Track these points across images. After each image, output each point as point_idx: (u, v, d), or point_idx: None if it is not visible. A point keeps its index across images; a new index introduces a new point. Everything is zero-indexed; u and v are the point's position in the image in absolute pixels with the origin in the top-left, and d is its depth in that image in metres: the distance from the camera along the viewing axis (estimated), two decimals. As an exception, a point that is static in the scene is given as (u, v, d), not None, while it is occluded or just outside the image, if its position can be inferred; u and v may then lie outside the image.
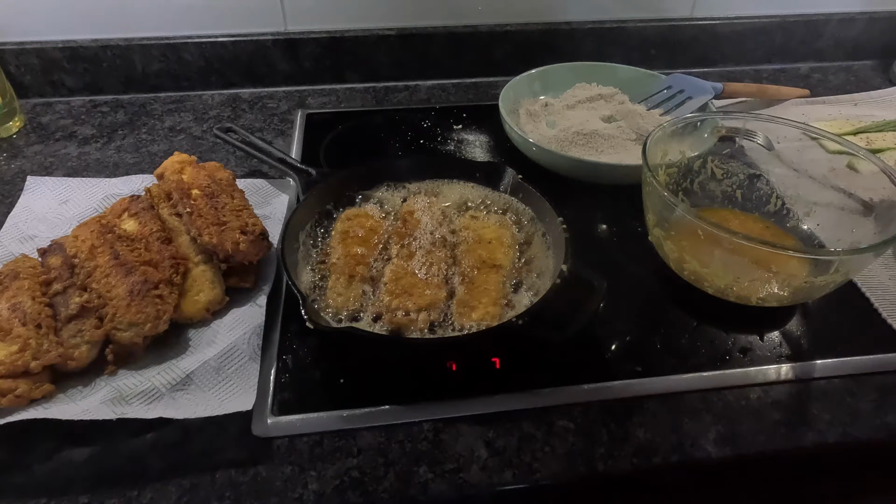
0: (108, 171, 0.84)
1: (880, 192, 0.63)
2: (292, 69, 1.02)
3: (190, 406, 0.53)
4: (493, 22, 1.04)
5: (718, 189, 0.76)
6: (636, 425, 0.55)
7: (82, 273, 0.58)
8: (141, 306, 0.55)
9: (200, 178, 0.68)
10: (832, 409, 0.56)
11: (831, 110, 0.98)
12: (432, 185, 0.73)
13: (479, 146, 0.91)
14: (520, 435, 0.54)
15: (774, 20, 1.09)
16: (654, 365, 0.60)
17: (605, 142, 0.84)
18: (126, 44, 0.96)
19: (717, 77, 1.04)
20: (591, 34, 1.06)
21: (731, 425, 0.55)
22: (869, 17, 1.11)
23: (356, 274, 0.62)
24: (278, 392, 0.56)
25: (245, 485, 0.50)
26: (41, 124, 0.94)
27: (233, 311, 0.61)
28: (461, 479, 0.50)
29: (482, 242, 0.65)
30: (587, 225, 0.77)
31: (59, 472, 0.50)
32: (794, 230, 0.72)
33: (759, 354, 0.61)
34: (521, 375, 0.58)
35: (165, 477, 0.50)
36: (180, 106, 0.99)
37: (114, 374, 0.55)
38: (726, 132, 0.75)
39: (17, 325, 0.53)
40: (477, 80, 1.08)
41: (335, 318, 0.58)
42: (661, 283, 0.70)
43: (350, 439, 0.53)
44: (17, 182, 0.80)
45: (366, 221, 0.67)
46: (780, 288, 0.60)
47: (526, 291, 0.61)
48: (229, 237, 0.61)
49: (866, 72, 1.13)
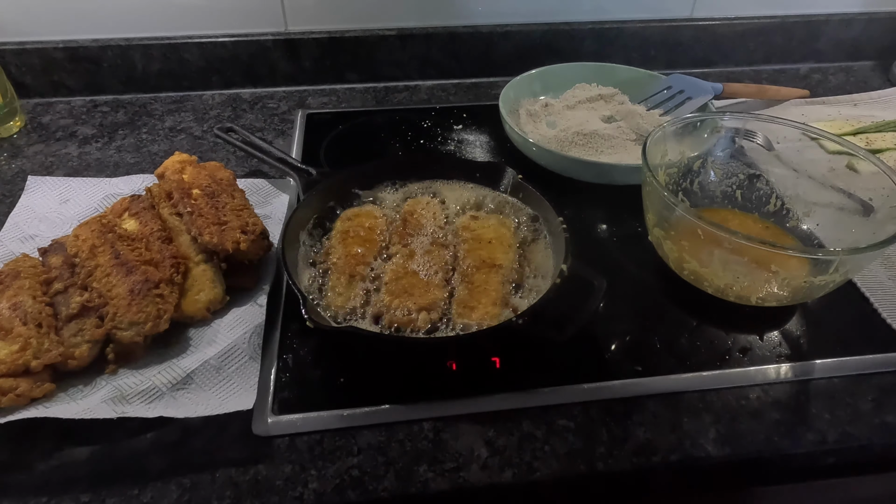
0: (108, 171, 0.84)
1: (880, 193, 0.64)
2: (293, 69, 1.02)
3: (190, 405, 0.53)
4: (493, 22, 1.04)
5: (718, 189, 0.76)
6: (636, 425, 0.55)
7: (83, 272, 0.58)
8: (141, 305, 0.55)
9: (201, 178, 0.68)
10: (832, 409, 0.57)
11: (831, 111, 0.98)
12: (432, 185, 0.73)
13: (479, 146, 0.92)
14: (520, 434, 0.54)
15: (774, 20, 1.09)
16: (653, 365, 0.60)
17: (605, 142, 0.84)
18: (126, 44, 0.96)
19: (716, 77, 1.04)
20: (591, 35, 1.06)
21: (730, 425, 0.55)
22: (869, 18, 1.11)
23: (356, 273, 0.62)
24: (279, 391, 0.56)
25: (245, 484, 0.50)
26: (42, 124, 0.94)
27: (233, 311, 0.61)
28: (461, 478, 0.51)
29: (482, 242, 0.65)
30: (587, 225, 0.77)
31: (59, 471, 0.50)
32: (794, 230, 0.72)
33: (759, 354, 0.61)
34: (522, 375, 0.58)
35: (166, 476, 0.50)
36: (181, 106, 0.99)
37: (114, 374, 0.55)
38: (726, 132, 0.75)
39: (18, 325, 0.53)
40: (477, 80, 1.08)
41: (335, 318, 0.58)
42: (660, 283, 0.70)
43: (350, 438, 0.53)
44: (18, 182, 0.80)
45: (366, 221, 0.67)
46: (780, 288, 0.60)
47: (526, 291, 0.61)
48: (230, 237, 0.61)
49: (866, 72, 1.13)
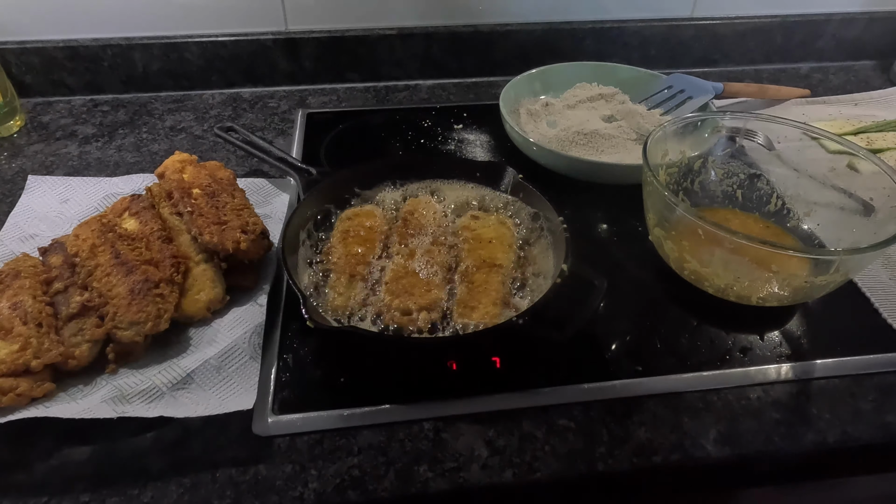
0: (108, 171, 0.84)
1: (881, 192, 0.63)
2: (293, 68, 1.02)
3: (191, 405, 0.53)
4: (493, 21, 1.04)
5: (719, 189, 0.76)
6: (636, 425, 0.55)
7: (83, 272, 0.58)
8: (142, 305, 0.55)
9: (201, 178, 0.68)
10: (832, 409, 0.57)
11: (832, 110, 0.98)
12: (433, 185, 0.73)
13: (479, 146, 0.91)
14: (520, 434, 0.54)
15: (775, 20, 1.09)
16: (654, 364, 0.60)
17: (605, 141, 0.84)
18: (127, 43, 0.96)
19: (717, 77, 1.04)
20: (591, 34, 1.06)
21: (731, 425, 0.55)
22: (869, 17, 1.11)
23: (357, 273, 0.62)
24: (279, 391, 0.56)
25: (245, 483, 0.50)
26: (42, 123, 0.94)
27: (233, 311, 0.61)
28: (461, 478, 0.51)
29: (482, 242, 0.65)
30: (587, 224, 0.77)
31: (60, 471, 0.50)
32: (795, 230, 0.72)
33: (760, 354, 0.61)
34: (522, 375, 0.58)
35: (166, 475, 0.50)
36: (181, 105, 0.99)
37: (114, 373, 0.55)
38: (727, 132, 0.75)
39: (18, 324, 0.53)
40: (477, 79, 1.08)
41: (336, 318, 0.58)
42: (661, 283, 0.70)
43: (350, 438, 0.53)
44: (18, 181, 0.80)
45: (366, 221, 0.67)
46: (781, 288, 0.60)
47: (526, 291, 0.61)
48: (230, 236, 0.61)
49: (867, 72, 1.13)
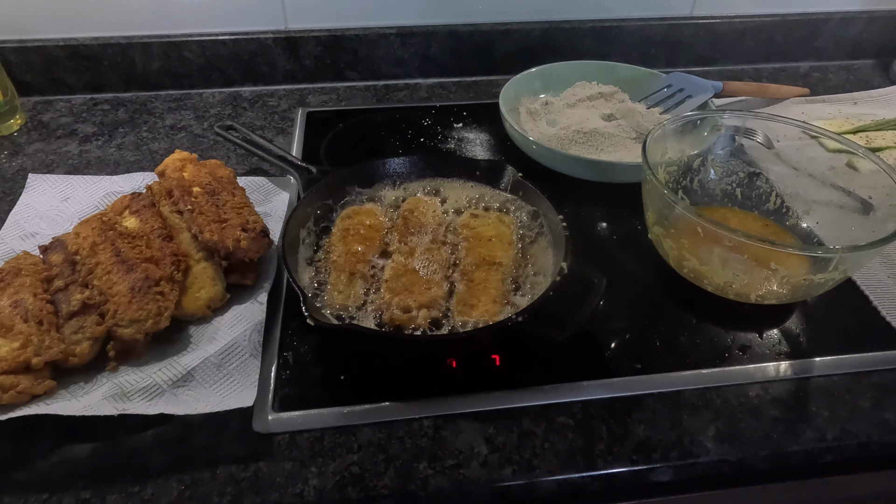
0: (109, 169, 0.84)
1: (880, 191, 0.64)
2: (293, 67, 1.02)
3: (191, 402, 0.53)
4: (493, 20, 1.04)
5: (718, 187, 0.76)
6: (636, 422, 0.55)
7: (84, 270, 0.58)
8: (142, 303, 0.55)
9: (201, 176, 0.68)
10: (831, 407, 0.57)
11: (831, 109, 0.98)
12: (433, 183, 0.73)
13: (479, 144, 0.92)
14: (520, 431, 0.54)
15: (774, 19, 1.09)
16: (653, 362, 0.60)
17: (605, 140, 0.84)
18: (127, 42, 0.96)
19: (716, 76, 1.04)
20: (591, 33, 1.06)
21: (730, 422, 0.55)
22: (869, 16, 1.11)
23: (357, 271, 0.62)
24: (279, 388, 0.56)
25: (246, 480, 0.50)
26: (42, 122, 0.94)
27: (234, 308, 0.61)
28: (461, 475, 0.51)
29: (482, 240, 0.65)
30: (587, 223, 0.77)
31: (60, 468, 0.50)
32: (794, 228, 0.72)
33: (759, 352, 0.61)
34: (521, 372, 0.58)
35: (166, 473, 0.50)
36: (181, 104, 0.99)
37: (115, 371, 0.56)
38: (726, 130, 0.75)
39: (19, 322, 0.53)
40: (477, 78, 1.08)
41: (336, 315, 0.59)
42: (660, 281, 0.70)
43: (350, 435, 0.53)
44: (19, 180, 0.80)
45: (366, 219, 0.67)
46: (780, 286, 0.60)
47: (526, 289, 0.61)
48: (230, 234, 0.61)
49: (866, 70, 1.13)
